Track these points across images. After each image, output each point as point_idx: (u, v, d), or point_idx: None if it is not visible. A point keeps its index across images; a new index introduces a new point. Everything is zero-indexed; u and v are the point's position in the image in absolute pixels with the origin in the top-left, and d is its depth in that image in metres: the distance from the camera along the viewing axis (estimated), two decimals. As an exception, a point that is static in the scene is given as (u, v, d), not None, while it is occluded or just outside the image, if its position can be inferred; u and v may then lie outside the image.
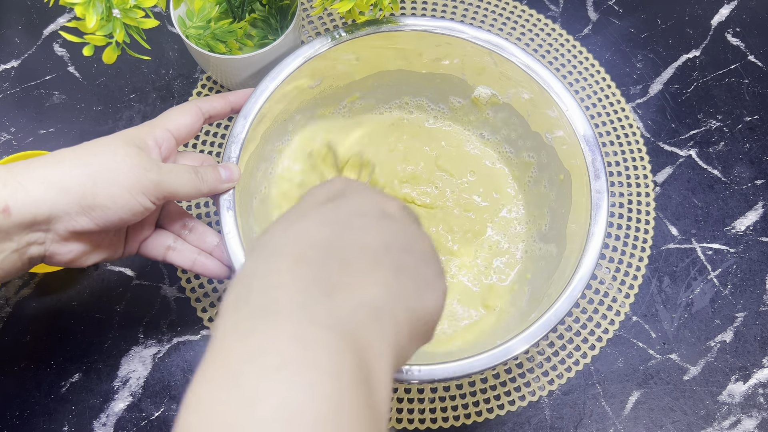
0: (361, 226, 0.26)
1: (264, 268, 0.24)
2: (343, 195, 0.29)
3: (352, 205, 0.28)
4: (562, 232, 0.48)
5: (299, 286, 0.23)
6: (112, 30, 0.41)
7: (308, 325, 0.22)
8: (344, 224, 0.26)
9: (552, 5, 0.64)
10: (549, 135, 0.50)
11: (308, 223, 0.27)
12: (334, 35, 0.48)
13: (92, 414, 0.49)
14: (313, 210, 0.28)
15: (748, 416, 0.50)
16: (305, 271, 0.24)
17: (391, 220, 0.28)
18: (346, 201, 0.28)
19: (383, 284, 0.25)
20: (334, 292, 0.23)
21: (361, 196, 0.29)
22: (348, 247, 0.25)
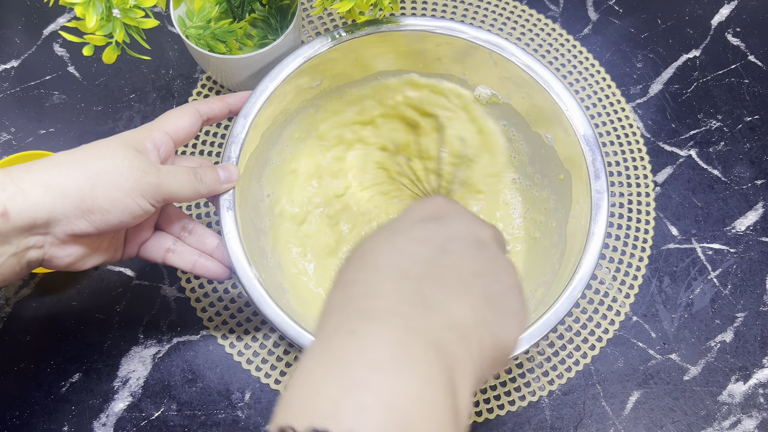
0: (457, 250, 0.28)
1: (367, 277, 0.26)
2: (442, 216, 0.30)
3: (451, 228, 0.29)
4: (562, 232, 0.48)
5: (399, 297, 0.25)
6: (112, 30, 0.41)
7: (407, 333, 0.23)
8: (442, 247, 0.28)
9: (552, 5, 0.64)
10: (549, 135, 0.50)
11: (410, 239, 0.28)
12: (334, 35, 0.48)
13: (92, 414, 0.49)
14: (414, 227, 0.29)
15: (748, 416, 0.50)
16: (405, 285, 0.26)
17: (484, 249, 0.29)
18: (444, 223, 0.30)
19: (473, 309, 0.26)
20: (429, 308, 0.25)
21: (458, 221, 0.30)
22: (444, 269, 0.27)
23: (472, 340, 0.25)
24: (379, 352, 0.22)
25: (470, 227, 0.30)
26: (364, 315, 0.24)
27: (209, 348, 0.51)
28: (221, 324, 0.52)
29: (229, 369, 0.51)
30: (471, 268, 0.28)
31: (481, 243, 0.29)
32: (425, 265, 0.27)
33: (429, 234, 0.29)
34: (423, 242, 0.28)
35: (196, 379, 0.50)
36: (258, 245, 0.47)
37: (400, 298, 0.25)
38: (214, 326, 0.52)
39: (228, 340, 0.52)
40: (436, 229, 0.29)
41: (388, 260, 0.27)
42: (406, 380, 0.22)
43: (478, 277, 0.27)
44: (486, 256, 0.29)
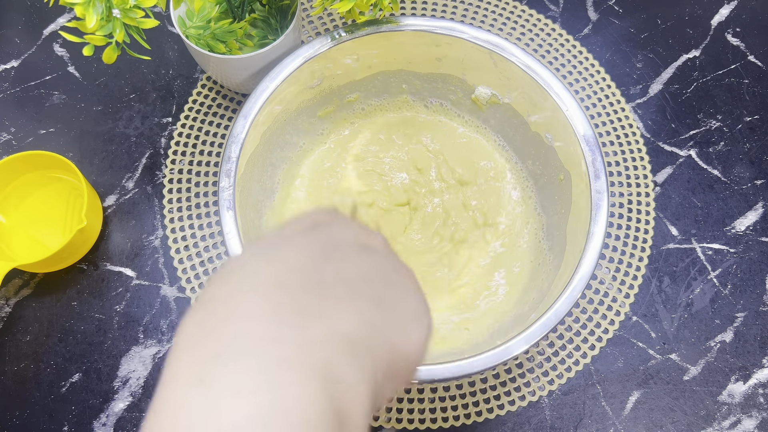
0: (341, 256, 0.25)
1: (229, 292, 0.22)
2: (323, 225, 0.27)
3: (334, 235, 0.26)
4: (562, 232, 0.48)
5: (268, 315, 0.21)
6: (112, 30, 0.41)
7: (279, 366, 0.19)
8: (324, 253, 0.24)
9: (552, 5, 0.64)
10: (549, 135, 0.50)
11: (286, 248, 0.24)
12: (334, 35, 0.48)
13: (92, 414, 0.49)
14: (291, 237, 0.26)
15: (748, 416, 0.50)
16: (279, 297, 0.21)
17: (373, 253, 0.26)
18: (327, 230, 0.27)
19: (361, 315, 0.22)
20: (306, 323, 0.21)
21: (342, 228, 0.27)
22: (326, 275, 0.23)
23: (361, 350, 0.21)
24: (239, 407, 0.18)
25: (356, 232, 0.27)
26: (220, 350, 0.19)
27: (209, 348, 0.51)
28: (221, 324, 0.52)
29: (229, 369, 0.51)
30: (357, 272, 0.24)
31: (369, 247, 0.26)
32: (301, 272, 0.23)
33: (309, 240, 0.25)
34: (302, 250, 0.24)
35: (196, 379, 0.50)
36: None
37: (269, 316, 0.21)
38: (214, 326, 0.52)
39: (228, 340, 0.52)
40: (316, 236, 0.26)
41: (257, 270, 0.23)
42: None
43: (366, 281, 0.24)
44: (375, 259, 0.25)
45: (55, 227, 0.54)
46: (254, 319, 0.20)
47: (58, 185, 0.55)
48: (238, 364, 0.19)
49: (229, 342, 0.20)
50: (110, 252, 0.54)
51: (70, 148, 0.57)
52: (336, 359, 0.20)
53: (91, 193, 0.52)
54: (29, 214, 0.54)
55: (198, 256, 0.54)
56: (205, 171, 0.57)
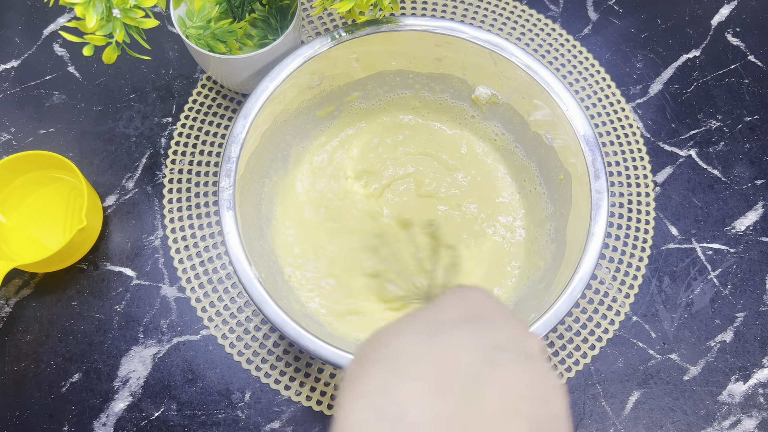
0: (504, 362, 0.24)
1: (401, 391, 0.22)
2: (485, 316, 0.26)
3: (497, 333, 0.25)
4: (562, 232, 0.48)
5: (434, 425, 0.21)
6: (112, 30, 0.41)
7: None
8: (488, 356, 0.24)
9: (552, 5, 0.64)
10: (549, 135, 0.50)
11: (451, 341, 0.24)
12: (334, 35, 0.48)
13: (92, 414, 0.49)
14: (454, 326, 0.25)
15: (748, 416, 0.50)
16: (442, 406, 0.22)
17: (533, 363, 0.25)
18: (490, 326, 0.26)
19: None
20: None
21: (503, 325, 0.26)
22: (489, 386, 0.23)
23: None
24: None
25: (517, 334, 0.26)
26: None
27: (209, 348, 0.51)
28: (221, 324, 0.52)
29: (229, 369, 0.51)
30: (519, 386, 0.23)
31: (530, 355, 0.25)
32: (467, 379, 0.23)
33: (473, 338, 0.24)
34: (466, 349, 0.24)
35: (196, 379, 0.50)
36: (259, 245, 0.47)
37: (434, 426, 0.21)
38: (214, 326, 0.52)
39: (228, 340, 0.52)
40: (480, 332, 0.25)
41: (425, 368, 0.23)
42: None
43: (527, 399, 0.23)
44: (535, 373, 0.24)
45: (55, 227, 0.54)
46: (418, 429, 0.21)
47: (58, 185, 0.55)
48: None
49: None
50: (110, 252, 0.54)
51: (70, 148, 0.57)
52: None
53: (91, 193, 0.52)
54: (29, 214, 0.54)
55: (198, 256, 0.54)
56: (205, 171, 0.57)
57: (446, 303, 0.27)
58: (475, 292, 0.28)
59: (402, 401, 0.22)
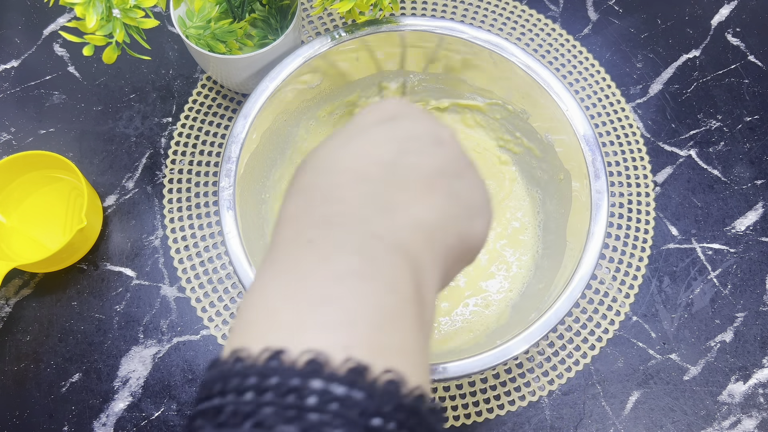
0: (417, 149, 0.27)
1: (325, 180, 0.25)
2: (398, 117, 0.29)
3: (408, 127, 0.28)
4: (562, 232, 0.48)
5: (360, 201, 0.24)
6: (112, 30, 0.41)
7: (370, 238, 0.22)
8: (401, 146, 0.27)
9: (552, 5, 0.64)
10: (549, 135, 0.50)
11: (367, 140, 0.27)
12: (334, 35, 0.48)
13: (92, 414, 0.49)
14: (370, 129, 0.28)
15: (748, 416, 0.50)
16: (365, 188, 0.24)
17: (445, 146, 0.28)
18: (402, 123, 0.28)
19: (437, 207, 0.25)
20: (392, 210, 0.24)
21: (416, 120, 0.29)
22: (405, 168, 0.26)
23: (436, 239, 0.25)
24: (341, 262, 0.21)
25: (428, 126, 0.29)
26: (322, 222, 0.23)
27: (209, 348, 0.51)
28: (221, 324, 0.52)
29: (229, 369, 0.51)
30: (432, 166, 0.26)
31: (441, 140, 0.28)
32: (385, 166, 0.26)
33: (386, 134, 0.27)
34: (380, 143, 0.27)
35: (196, 379, 0.50)
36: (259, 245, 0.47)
37: (361, 202, 0.24)
38: (214, 326, 0.52)
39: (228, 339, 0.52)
40: (392, 128, 0.28)
41: (346, 163, 0.26)
42: (369, 289, 0.21)
43: (441, 175, 0.26)
44: (447, 153, 0.28)
45: (55, 227, 0.54)
46: (347, 204, 0.24)
47: (58, 185, 0.55)
48: (337, 232, 0.22)
49: (327, 218, 0.23)
50: (110, 252, 0.54)
51: (70, 148, 0.57)
52: (415, 242, 0.23)
53: (91, 193, 0.52)
54: (29, 214, 0.54)
55: (198, 256, 0.54)
56: (205, 171, 0.57)
57: (365, 112, 0.30)
58: (392, 100, 0.31)
59: (327, 190, 0.25)
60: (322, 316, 0.20)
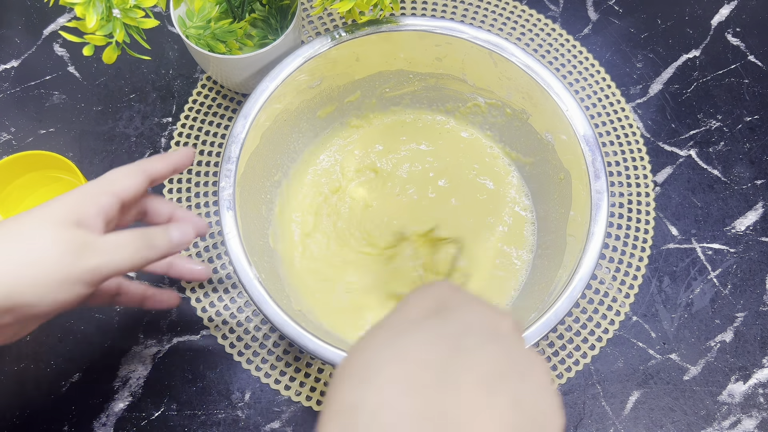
0: (473, 347, 0.24)
1: (370, 398, 0.22)
2: (450, 307, 0.26)
3: (463, 320, 0.25)
4: (562, 232, 0.48)
5: (413, 425, 0.21)
6: (112, 30, 0.41)
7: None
8: (455, 344, 0.24)
9: (552, 5, 0.64)
10: (549, 135, 0.50)
11: (415, 339, 0.24)
12: (334, 35, 0.48)
13: (92, 414, 0.49)
14: (418, 324, 0.25)
15: (748, 416, 0.50)
16: (417, 402, 0.22)
17: (505, 342, 0.25)
18: (454, 315, 0.25)
19: (502, 421, 0.22)
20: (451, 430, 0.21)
21: (471, 310, 0.26)
22: (460, 372, 0.23)
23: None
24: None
25: (485, 317, 0.26)
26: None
27: (209, 348, 0.51)
28: (221, 324, 0.52)
29: (229, 369, 0.51)
30: (492, 367, 0.23)
31: (500, 335, 0.25)
32: (435, 369, 0.22)
33: (438, 330, 0.24)
34: (432, 341, 0.24)
35: (196, 379, 0.50)
36: (259, 245, 0.47)
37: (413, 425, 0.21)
38: (214, 326, 0.52)
39: (228, 340, 0.52)
40: (444, 324, 0.25)
41: (393, 371, 0.23)
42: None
43: (502, 378, 0.23)
44: (507, 350, 0.24)
45: (55, 227, 0.54)
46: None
47: (58, 185, 0.55)
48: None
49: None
50: (110, 252, 0.54)
51: (70, 148, 0.57)
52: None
53: (91, 193, 0.52)
54: (29, 214, 0.54)
55: (198, 256, 0.54)
56: (205, 171, 0.57)
57: (410, 302, 0.27)
58: (440, 285, 0.28)
59: (374, 409, 0.22)
60: None
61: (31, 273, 0.31)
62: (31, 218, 0.32)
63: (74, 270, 0.31)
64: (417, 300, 0.27)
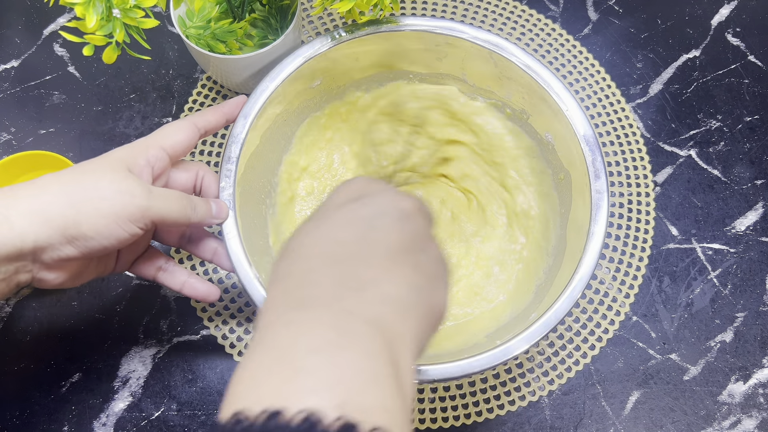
0: (382, 226, 0.29)
1: (298, 267, 0.27)
2: (364, 195, 0.31)
3: (373, 205, 0.30)
4: (562, 232, 0.48)
5: (332, 282, 0.26)
6: (112, 30, 0.41)
7: (345, 315, 0.24)
8: (367, 224, 0.29)
9: (552, 5, 0.64)
10: (549, 135, 0.50)
11: (334, 223, 0.29)
12: (334, 35, 0.48)
13: (92, 414, 0.49)
14: (336, 211, 0.30)
15: (748, 416, 0.50)
16: (337, 270, 0.27)
17: (409, 221, 0.30)
18: (367, 201, 0.30)
19: (405, 281, 0.27)
20: (362, 288, 0.26)
21: (381, 197, 0.31)
22: (371, 245, 0.28)
23: (408, 311, 0.26)
24: (316, 337, 0.23)
25: (393, 202, 0.30)
26: (299, 305, 0.25)
27: (209, 348, 0.51)
28: (221, 324, 0.52)
29: (229, 369, 0.51)
30: (398, 241, 0.28)
31: (406, 215, 0.30)
32: (354, 245, 0.28)
33: (353, 214, 0.30)
34: (348, 223, 0.29)
35: (196, 379, 0.50)
36: (259, 245, 0.47)
37: (334, 283, 0.26)
38: (214, 326, 0.52)
39: (228, 340, 0.52)
40: (359, 208, 0.30)
41: (317, 248, 0.28)
42: (347, 357, 0.22)
43: (406, 250, 0.28)
44: (411, 227, 0.30)
45: (55, 227, 0.54)
46: (321, 287, 0.26)
47: (58, 185, 0.55)
48: (314, 312, 0.25)
49: (304, 300, 0.25)
50: (110, 252, 0.54)
51: (70, 148, 0.57)
52: (386, 314, 0.25)
53: (91, 193, 0.52)
54: (29, 214, 0.54)
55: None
56: (205, 171, 0.57)
57: (333, 194, 0.32)
58: (357, 179, 0.33)
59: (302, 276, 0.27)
60: (309, 381, 0.21)
61: (89, 208, 0.34)
62: (91, 165, 0.37)
63: (127, 207, 0.35)
64: (338, 191, 0.32)
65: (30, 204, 0.34)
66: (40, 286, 0.37)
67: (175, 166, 0.42)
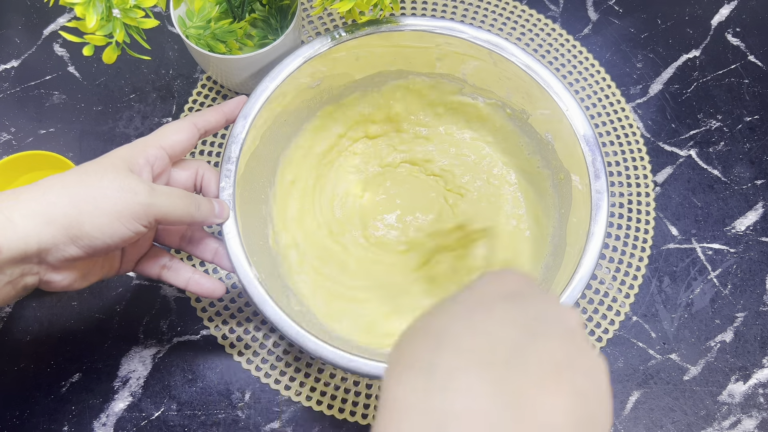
0: (545, 333, 0.25)
1: (448, 362, 0.23)
2: (524, 294, 0.27)
3: (536, 308, 0.26)
4: (562, 232, 0.48)
5: (485, 391, 0.22)
6: (112, 30, 0.41)
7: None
8: (528, 329, 0.25)
9: (552, 5, 0.64)
10: (549, 135, 0.50)
11: (491, 317, 0.25)
12: (334, 35, 0.48)
13: (92, 414, 0.49)
14: (493, 303, 0.26)
15: (748, 416, 0.50)
16: (491, 375, 0.23)
17: (574, 336, 0.26)
18: (528, 302, 0.27)
19: (566, 407, 0.23)
20: (518, 406, 0.22)
21: (542, 302, 0.27)
22: (534, 355, 0.24)
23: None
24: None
25: (557, 310, 0.27)
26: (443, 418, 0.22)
27: (209, 348, 0.51)
28: (221, 324, 0.52)
29: (229, 369, 0.51)
30: (561, 355, 0.24)
31: (570, 329, 0.26)
32: (512, 349, 0.24)
33: (513, 313, 0.25)
34: (508, 322, 0.25)
35: (196, 379, 0.50)
36: (259, 245, 0.47)
37: (486, 392, 0.22)
38: (214, 326, 0.52)
39: (228, 340, 0.52)
40: (519, 308, 0.26)
41: (469, 343, 0.24)
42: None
43: (570, 369, 0.24)
44: (577, 344, 0.25)
45: (55, 227, 0.54)
46: (473, 397, 0.22)
47: (58, 185, 0.55)
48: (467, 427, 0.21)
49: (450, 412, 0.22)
50: (110, 252, 0.54)
51: (70, 148, 0.57)
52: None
53: (91, 193, 0.52)
54: (29, 214, 0.54)
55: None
56: (205, 171, 0.57)
57: (483, 284, 0.28)
58: (510, 273, 0.29)
59: (450, 371, 0.23)
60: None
61: (91, 207, 0.34)
62: (93, 165, 0.37)
63: (130, 205, 0.35)
64: (489, 282, 0.28)
65: (33, 205, 0.34)
66: (48, 288, 0.37)
67: (175, 165, 0.42)
